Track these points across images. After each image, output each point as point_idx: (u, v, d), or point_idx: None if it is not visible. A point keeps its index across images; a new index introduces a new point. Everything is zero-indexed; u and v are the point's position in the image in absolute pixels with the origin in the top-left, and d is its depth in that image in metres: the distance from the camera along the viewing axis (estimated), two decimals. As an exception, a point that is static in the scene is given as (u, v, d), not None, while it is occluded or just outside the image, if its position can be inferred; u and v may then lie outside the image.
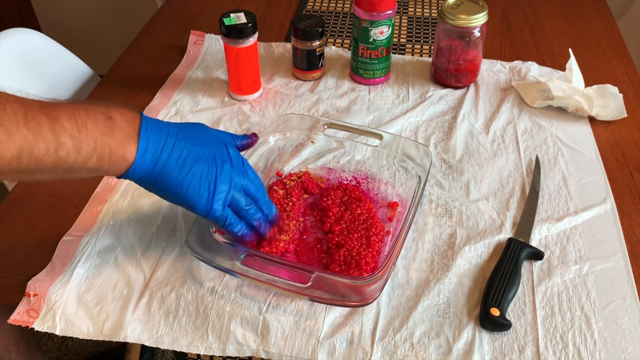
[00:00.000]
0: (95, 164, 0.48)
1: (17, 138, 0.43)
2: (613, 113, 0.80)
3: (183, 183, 0.52)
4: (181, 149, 0.52)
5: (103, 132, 0.48)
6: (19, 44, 0.96)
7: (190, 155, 0.53)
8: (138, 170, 0.51)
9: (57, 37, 1.04)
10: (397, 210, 0.67)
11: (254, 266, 0.56)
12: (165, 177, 0.52)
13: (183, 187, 0.52)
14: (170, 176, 0.52)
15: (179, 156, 0.52)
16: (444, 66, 0.86)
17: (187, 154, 0.53)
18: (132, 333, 0.56)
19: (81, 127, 0.47)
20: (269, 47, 0.98)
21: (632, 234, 0.65)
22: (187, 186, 0.53)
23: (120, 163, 0.50)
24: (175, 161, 0.52)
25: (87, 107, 0.48)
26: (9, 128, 0.43)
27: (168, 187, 0.53)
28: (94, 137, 0.47)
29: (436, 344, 0.54)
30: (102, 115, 0.49)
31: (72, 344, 1.29)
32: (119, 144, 0.49)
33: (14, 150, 0.43)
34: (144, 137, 0.50)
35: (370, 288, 0.54)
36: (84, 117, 0.47)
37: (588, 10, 1.09)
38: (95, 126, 0.48)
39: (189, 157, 0.53)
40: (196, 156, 0.53)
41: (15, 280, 0.61)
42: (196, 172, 0.53)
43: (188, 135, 0.54)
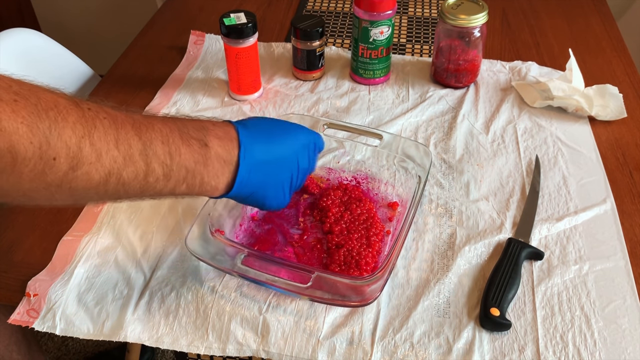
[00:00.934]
0: (183, 191, 0.46)
1: (106, 160, 0.40)
2: (613, 113, 0.80)
3: (264, 197, 0.53)
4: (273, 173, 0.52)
5: (197, 160, 0.45)
6: (19, 44, 0.96)
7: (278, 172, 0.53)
8: (227, 195, 0.50)
9: (57, 37, 1.04)
10: (397, 210, 0.67)
11: (254, 266, 0.56)
12: (251, 195, 0.52)
13: (265, 200, 0.53)
14: (256, 195, 0.52)
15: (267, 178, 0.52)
16: (444, 66, 0.86)
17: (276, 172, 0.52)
18: (132, 333, 0.56)
19: (174, 153, 0.44)
20: (269, 47, 0.98)
21: (632, 234, 0.65)
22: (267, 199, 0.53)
23: (210, 192, 0.48)
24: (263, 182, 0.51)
25: (181, 128, 0.45)
26: (99, 148, 0.39)
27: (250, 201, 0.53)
28: (186, 166, 0.45)
29: (436, 344, 0.54)
30: (196, 141, 0.46)
31: (72, 344, 1.29)
32: (212, 174, 0.47)
33: (103, 173, 0.40)
34: (242, 172, 0.48)
35: (371, 288, 0.54)
36: (177, 142, 0.44)
37: (588, 10, 1.09)
38: (189, 154, 0.45)
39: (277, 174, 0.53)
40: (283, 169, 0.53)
41: (15, 280, 0.61)
42: (278, 184, 0.53)
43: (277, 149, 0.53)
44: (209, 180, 0.47)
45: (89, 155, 0.39)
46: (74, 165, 0.38)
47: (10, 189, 0.37)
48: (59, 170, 0.38)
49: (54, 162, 0.37)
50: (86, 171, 0.39)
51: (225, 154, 0.47)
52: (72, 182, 0.39)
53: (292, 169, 0.54)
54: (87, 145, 0.38)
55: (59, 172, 0.38)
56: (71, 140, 0.37)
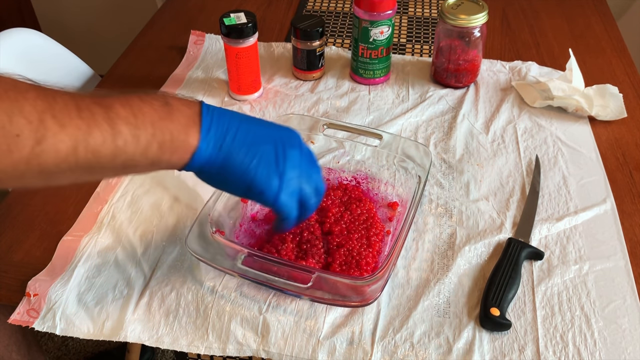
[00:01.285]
0: (156, 152, 0.44)
1: (70, 128, 0.40)
2: (613, 113, 0.80)
3: (250, 167, 0.48)
4: (246, 131, 0.48)
5: (161, 116, 0.44)
6: (19, 43, 0.96)
7: (256, 137, 0.49)
8: (202, 155, 0.46)
9: (57, 37, 1.04)
10: (397, 210, 0.67)
11: (254, 266, 0.56)
12: (231, 162, 0.48)
13: (250, 172, 0.48)
14: (236, 160, 0.48)
15: (244, 138, 0.48)
16: (444, 66, 0.86)
17: (253, 136, 0.49)
18: (132, 333, 0.56)
19: (137, 112, 0.43)
20: (269, 47, 0.98)
21: (632, 234, 0.65)
22: (254, 170, 0.48)
23: (183, 149, 0.46)
24: (241, 143, 0.48)
25: (140, 95, 0.45)
26: (61, 119, 0.39)
27: (234, 174, 0.48)
28: (151, 122, 0.44)
29: (436, 343, 0.54)
30: (157, 101, 0.45)
31: (72, 344, 1.29)
32: (179, 127, 0.45)
33: (69, 142, 0.40)
34: (206, 118, 0.47)
35: (371, 288, 0.54)
36: (138, 103, 0.44)
37: (588, 10, 1.09)
38: (152, 111, 0.44)
39: (255, 138, 0.49)
40: (262, 137, 0.49)
41: (15, 280, 0.61)
42: (263, 154, 0.48)
43: (252, 119, 0.50)
44: (177, 134, 0.45)
45: (52, 127, 0.39)
46: (39, 138, 0.38)
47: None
48: (25, 145, 0.38)
49: (18, 139, 0.38)
50: (52, 143, 0.39)
51: (188, 110, 0.47)
52: (40, 157, 0.39)
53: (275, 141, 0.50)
54: (49, 118, 0.39)
55: (25, 147, 0.38)
56: (32, 115, 0.38)
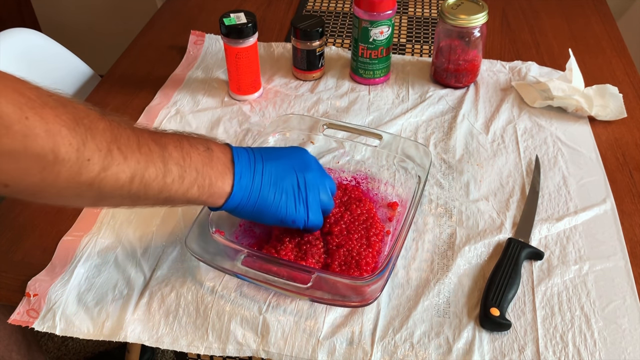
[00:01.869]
0: (195, 194, 0.50)
1: (132, 161, 0.44)
2: (613, 113, 0.80)
3: (280, 204, 0.55)
4: (270, 172, 0.54)
5: (204, 162, 0.50)
6: (19, 44, 0.96)
7: (279, 174, 0.55)
8: (235, 200, 0.52)
9: (57, 37, 1.03)
10: (396, 210, 0.67)
11: (254, 266, 0.56)
12: (261, 202, 0.54)
13: (281, 208, 0.55)
14: (266, 199, 0.54)
15: (269, 179, 0.54)
16: (444, 66, 0.86)
17: (276, 174, 0.55)
18: (132, 333, 0.56)
19: (185, 156, 0.49)
20: (269, 47, 0.98)
21: (632, 234, 0.65)
22: (284, 206, 0.55)
23: (218, 194, 0.52)
24: (268, 183, 0.54)
25: (188, 137, 0.51)
26: (124, 151, 0.44)
27: (266, 210, 0.54)
28: (196, 167, 0.49)
29: (436, 343, 0.54)
30: (202, 145, 0.51)
31: (72, 344, 1.29)
32: (217, 174, 0.51)
33: (129, 173, 0.44)
34: (237, 166, 0.52)
35: (371, 288, 0.54)
36: (187, 147, 0.49)
37: (588, 10, 1.09)
38: (198, 156, 0.50)
39: (278, 176, 0.55)
40: (283, 173, 0.55)
41: (15, 280, 0.61)
42: (287, 189, 0.55)
43: (271, 155, 0.56)
44: (215, 180, 0.51)
45: (117, 157, 0.43)
46: (105, 165, 0.42)
47: (46, 187, 0.41)
48: (92, 170, 0.42)
49: (88, 163, 0.41)
50: (115, 172, 0.43)
51: (224, 157, 0.52)
52: (102, 182, 0.43)
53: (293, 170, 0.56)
54: (115, 148, 0.43)
55: (92, 172, 0.42)
56: (102, 144, 0.42)
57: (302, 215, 0.56)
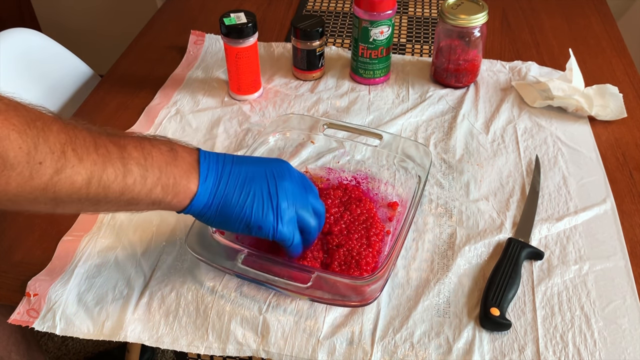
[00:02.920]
0: (159, 194, 0.48)
1: (87, 162, 0.43)
2: (613, 113, 0.80)
3: (245, 206, 0.52)
4: (238, 173, 0.53)
5: (167, 161, 0.48)
6: (19, 44, 0.96)
7: (247, 176, 0.53)
8: (201, 199, 0.50)
9: (57, 37, 1.03)
10: (397, 210, 0.67)
11: (254, 266, 0.56)
12: (227, 203, 0.51)
13: (246, 210, 0.52)
14: (232, 201, 0.52)
15: (236, 180, 0.52)
16: (444, 66, 0.86)
17: (245, 176, 0.53)
18: (132, 333, 0.56)
19: (147, 155, 0.47)
20: (269, 47, 0.98)
21: (632, 234, 0.65)
22: (249, 208, 0.52)
23: (183, 193, 0.50)
24: (234, 185, 0.52)
25: (150, 138, 0.50)
26: (80, 153, 0.42)
27: (232, 214, 0.52)
28: (159, 166, 0.48)
29: (436, 343, 0.54)
30: (164, 146, 0.49)
31: (72, 344, 1.29)
32: (182, 173, 0.49)
33: (85, 175, 0.43)
34: (203, 165, 0.51)
35: (371, 288, 0.54)
36: (148, 147, 0.48)
37: (588, 10, 1.09)
38: (160, 155, 0.48)
39: (246, 178, 0.53)
40: (253, 175, 0.53)
41: (15, 280, 0.61)
42: (256, 191, 0.52)
43: (243, 159, 0.54)
44: (179, 179, 0.49)
45: (72, 159, 0.42)
46: (59, 168, 0.41)
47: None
48: (45, 174, 0.40)
49: (40, 167, 0.40)
50: (69, 174, 0.42)
51: (189, 157, 0.51)
52: (57, 186, 0.41)
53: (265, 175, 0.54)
54: (70, 150, 0.41)
55: (45, 176, 0.40)
56: (55, 146, 0.41)
57: (270, 222, 0.53)
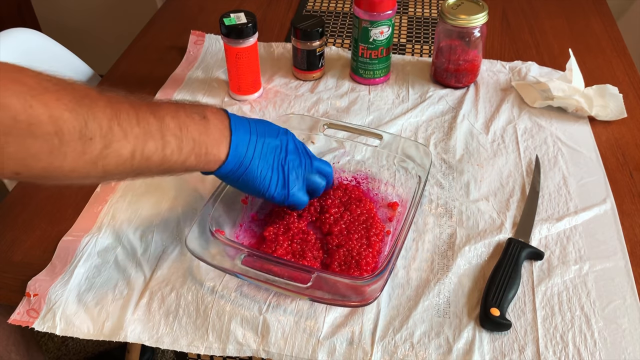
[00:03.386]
0: (192, 162, 0.51)
1: (131, 137, 0.45)
2: (613, 113, 0.80)
3: (264, 178, 0.56)
4: (262, 145, 0.56)
5: (200, 131, 0.51)
6: (19, 44, 0.95)
7: (269, 149, 0.57)
8: (228, 167, 0.54)
9: (57, 37, 1.03)
10: (397, 211, 0.67)
11: (254, 266, 0.56)
12: (249, 173, 0.55)
13: (265, 182, 0.57)
14: (254, 173, 0.55)
15: (260, 152, 0.56)
16: (444, 66, 0.86)
17: (267, 149, 0.56)
18: (132, 333, 0.56)
19: (182, 126, 0.49)
20: (269, 47, 0.98)
21: (632, 234, 0.65)
22: (267, 180, 0.57)
23: (214, 162, 0.53)
24: (258, 157, 0.56)
25: (184, 106, 0.52)
26: (125, 127, 0.45)
27: (251, 182, 0.56)
28: (193, 137, 0.50)
29: (436, 344, 0.54)
30: (197, 115, 0.51)
31: (72, 344, 1.29)
32: (213, 142, 0.52)
33: (129, 149, 0.45)
34: (235, 134, 0.53)
35: (371, 288, 0.54)
36: (183, 116, 0.50)
37: (588, 10, 1.09)
38: (194, 125, 0.50)
39: (267, 151, 0.56)
40: (272, 148, 0.57)
41: (15, 280, 0.61)
42: (273, 165, 0.57)
43: (264, 130, 0.57)
44: (211, 148, 0.52)
45: (118, 134, 0.44)
46: (107, 143, 0.44)
47: (54, 170, 0.43)
48: (95, 149, 0.43)
49: (91, 142, 0.43)
50: (116, 148, 0.45)
51: (221, 125, 0.53)
52: (106, 159, 0.44)
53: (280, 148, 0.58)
54: (116, 125, 0.44)
55: (95, 150, 0.43)
56: (103, 122, 0.43)
57: (281, 194, 0.58)
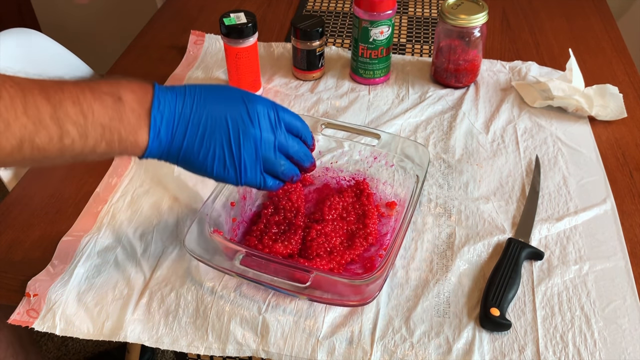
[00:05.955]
0: (104, 149, 0.45)
1: (15, 127, 0.40)
2: (613, 113, 0.80)
3: (206, 159, 0.49)
4: (198, 120, 0.48)
5: (111, 116, 0.44)
6: (19, 44, 0.96)
7: (208, 125, 0.48)
8: (154, 152, 0.47)
9: (57, 37, 1.04)
10: (395, 210, 0.67)
11: (253, 266, 0.56)
12: (187, 155, 0.48)
13: (207, 163, 0.49)
14: (192, 154, 0.48)
15: (196, 130, 0.48)
16: (444, 66, 0.86)
17: (205, 125, 0.48)
18: (132, 333, 0.56)
19: (87, 112, 0.43)
20: (269, 47, 0.98)
21: (632, 234, 0.65)
22: (211, 161, 0.49)
23: (132, 148, 0.46)
24: (193, 137, 0.48)
25: (93, 87, 0.44)
26: (6, 117, 0.39)
27: (192, 165, 0.49)
28: (101, 123, 0.44)
29: (436, 343, 0.54)
30: (110, 96, 0.44)
31: (72, 344, 1.29)
32: (129, 128, 0.45)
33: (14, 141, 0.40)
34: (157, 116, 0.46)
35: (369, 287, 0.54)
36: (89, 99, 0.43)
37: (588, 10, 1.09)
38: (103, 110, 0.44)
39: (206, 128, 0.48)
40: (214, 124, 0.48)
41: (15, 280, 0.61)
42: (216, 146, 0.48)
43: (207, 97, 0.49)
44: (126, 135, 0.45)
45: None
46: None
47: None
48: None
49: None
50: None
51: (139, 107, 0.46)
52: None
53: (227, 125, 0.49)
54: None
55: None
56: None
57: (232, 176, 0.50)
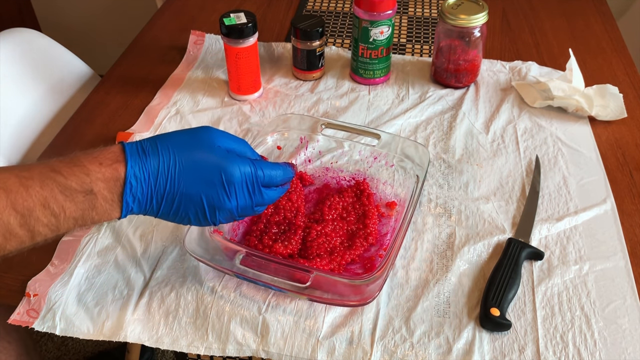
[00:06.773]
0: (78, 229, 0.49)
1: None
2: (613, 113, 0.80)
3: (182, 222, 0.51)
4: (172, 200, 0.49)
5: (84, 208, 0.45)
6: (19, 44, 0.96)
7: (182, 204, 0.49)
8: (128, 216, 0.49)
9: (57, 37, 1.04)
10: (395, 210, 0.67)
11: (253, 266, 0.56)
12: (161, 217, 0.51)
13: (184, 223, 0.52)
14: (166, 218, 0.51)
15: (170, 206, 0.49)
16: (444, 66, 0.86)
17: (179, 203, 0.49)
18: (132, 333, 0.56)
19: (58, 212, 0.44)
20: (269, 47, 0.98)
21: (632, 234, 0.65)
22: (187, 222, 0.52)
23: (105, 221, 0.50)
24: (168, 210, 0.50)
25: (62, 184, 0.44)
26: None
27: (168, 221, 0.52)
28: (74, 217, 0.45)
29: (436, 343, 0.54)
30: (81, 193, 0.45)
31: (72, 344, 1.29)
32: (102, 213, 0.47)
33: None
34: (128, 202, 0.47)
35: (369, 287, 0.54)
36: (60, 201, 0.44)
37: (588, 10, 1.09)
38: (74, 206, 0.45)
39: (181, 205, 0.49)
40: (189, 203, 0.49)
41: (15, 280, 0.61)
42: (192, 215, 0.50)
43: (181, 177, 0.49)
44: (99, 218, 0.47)
45: None
46: None
47: None
48: None
49: None
50: None
51: (111, 195, 0.47)
52: None
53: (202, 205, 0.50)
54: None
55: None
56: None
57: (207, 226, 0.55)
